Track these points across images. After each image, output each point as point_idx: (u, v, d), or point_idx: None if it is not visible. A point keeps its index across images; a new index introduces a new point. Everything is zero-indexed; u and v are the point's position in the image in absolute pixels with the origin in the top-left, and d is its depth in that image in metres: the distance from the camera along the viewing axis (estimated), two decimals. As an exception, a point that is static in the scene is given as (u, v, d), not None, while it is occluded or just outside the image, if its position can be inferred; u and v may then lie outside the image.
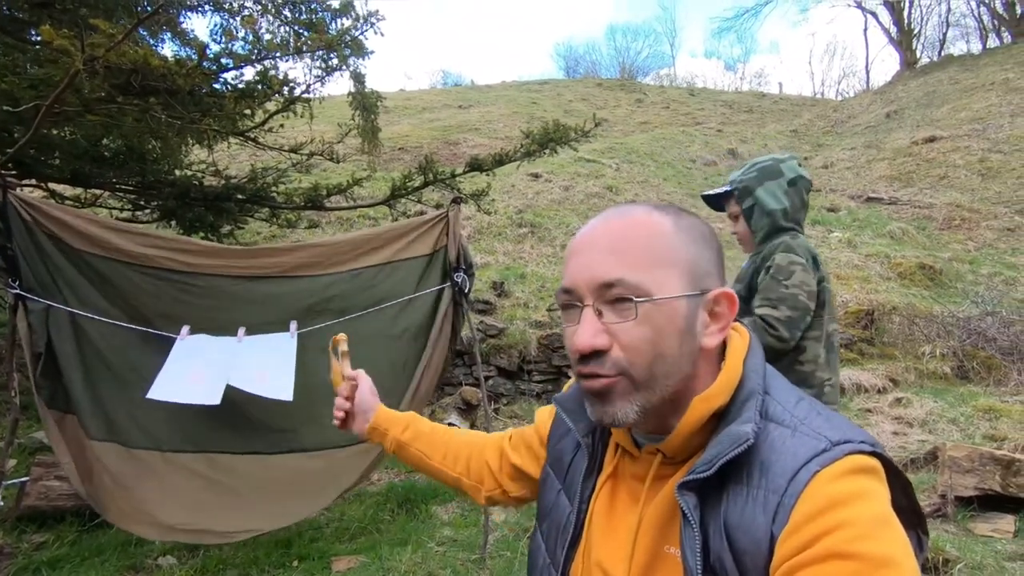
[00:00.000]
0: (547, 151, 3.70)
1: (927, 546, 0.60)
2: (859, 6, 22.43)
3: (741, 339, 0.70)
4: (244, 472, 2.21)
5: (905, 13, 20.58)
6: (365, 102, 6.61)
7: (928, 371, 4.76)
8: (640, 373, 0.64)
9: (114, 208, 4.83)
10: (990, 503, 2.89)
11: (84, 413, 2.10)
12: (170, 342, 2.26)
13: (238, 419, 2.25)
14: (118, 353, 2.20)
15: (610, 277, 0.64)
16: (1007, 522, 2.79)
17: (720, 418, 0.65)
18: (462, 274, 2.59)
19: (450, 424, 3.88)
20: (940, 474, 3.13)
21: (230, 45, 3.22)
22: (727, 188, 1.92)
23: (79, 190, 4.41)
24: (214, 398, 2.22)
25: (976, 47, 20.08)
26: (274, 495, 2.23)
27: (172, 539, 2.24)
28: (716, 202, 1.98)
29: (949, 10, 22.67)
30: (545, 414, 0.92)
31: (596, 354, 0.64)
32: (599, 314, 0.65)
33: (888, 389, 4.58)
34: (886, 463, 0.60)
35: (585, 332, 0.64)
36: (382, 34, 3.77)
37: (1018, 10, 18.05)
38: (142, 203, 4.40)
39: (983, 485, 2.88)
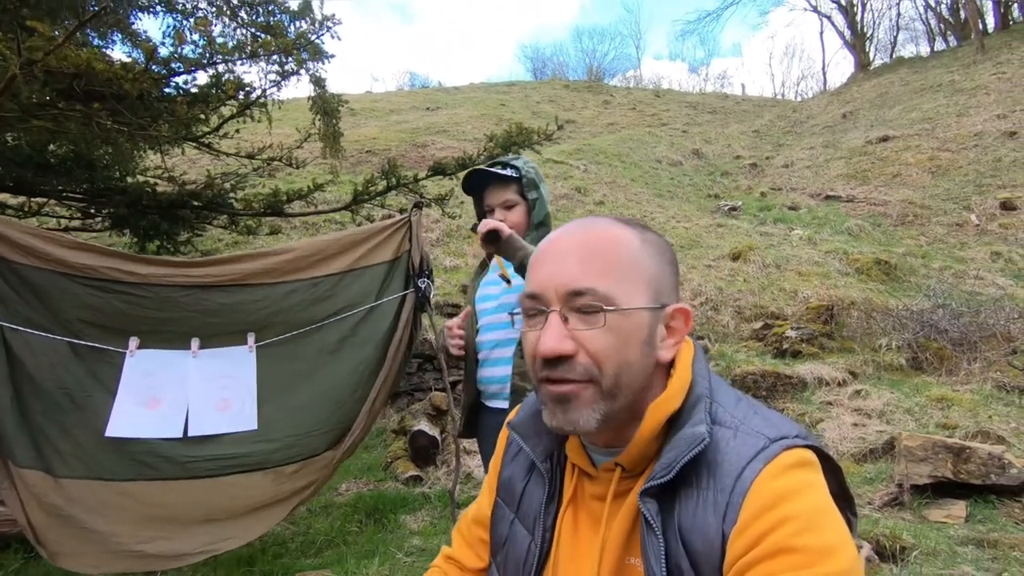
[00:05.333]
0: (510, 154, 3.69)
1: (856, 527, 0.63)
2: (815, 10, 23.19)
3: (687, 346, 0.72)
4: (191, 495, 2.10)
5: (858, 17, 21.40)
6: (326, 106, 6.50)
7: (885, 363, 4.92)
8: (607, 380, 0.64)
9: (62, 217, 4.62)
10: (943, 490, 3.00)
11: (9, 437, 1.97)
12: (117, 357, 2.15)
13: (184, 442, 2.15)
14: (49, 373, 2.06)
15: (580, 286, 0.65)
16: (959, 508, 2.89)
17: (671, 423, 0.67)
18: (425, 279, 2.56)
19: (418, 431, 3.82)
20: (896, 463, 3.24)
21: (180, 49, 3.11)
22: (513, 173, 1.73)
23: (22, 198, 4.20)
24: (175, 430, 2.14)
25: (925, 50, 20.98)
26: (223, 516, 2.14)
27: (117, 571, 2.12)
28: (484, 182, 1.75)
29: (899, 14, 23.68)
30: (493, 468, 0.87)
31: (562, 360, 0.64)
32: (565, 320, 0.65)
33: (848, 382, 4.71)
34: (819, 453, 0.64)
35: (552, 336, 0.64)
36: (339, 38, 3.71)
37: (962, 15, 18.90)
38: (92, 211, 4.22)
39: (936, 473, 2.99)
